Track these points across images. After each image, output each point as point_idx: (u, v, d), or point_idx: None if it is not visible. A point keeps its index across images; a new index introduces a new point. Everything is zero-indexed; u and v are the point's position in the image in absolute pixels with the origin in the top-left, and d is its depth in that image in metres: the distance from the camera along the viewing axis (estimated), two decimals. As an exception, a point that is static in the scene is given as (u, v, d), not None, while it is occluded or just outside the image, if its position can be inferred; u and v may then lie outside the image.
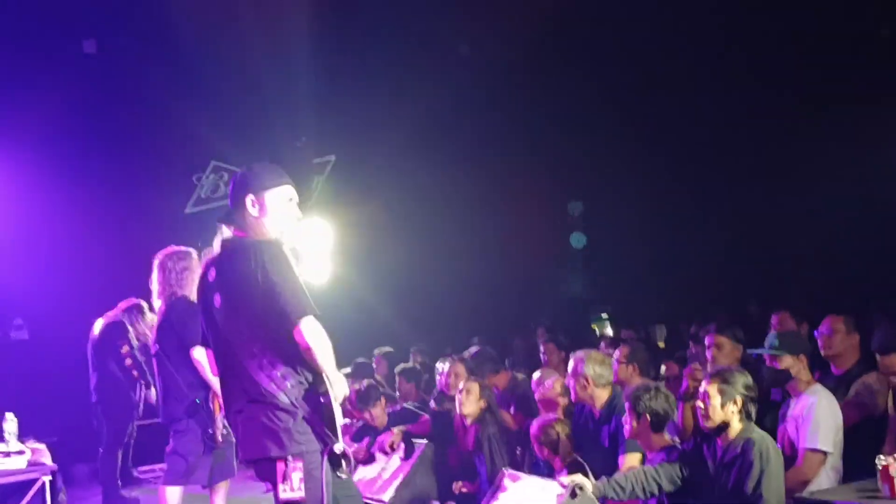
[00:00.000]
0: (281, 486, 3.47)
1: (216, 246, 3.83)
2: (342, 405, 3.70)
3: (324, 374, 3.53)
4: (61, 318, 9.38)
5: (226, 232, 3.83)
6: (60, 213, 9.96)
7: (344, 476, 3.67)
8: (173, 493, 5.91)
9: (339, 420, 3.54)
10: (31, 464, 4.92)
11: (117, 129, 10.07)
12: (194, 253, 6.16)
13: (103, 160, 10.51)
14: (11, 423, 5.43)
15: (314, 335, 3.47)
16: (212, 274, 3.76)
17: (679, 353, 7.41)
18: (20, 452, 5.25)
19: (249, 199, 3.73)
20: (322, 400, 3.50)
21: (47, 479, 4.74)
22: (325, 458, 3.51)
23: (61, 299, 9.45)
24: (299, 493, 3.45)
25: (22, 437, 5.56)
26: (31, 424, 6.30)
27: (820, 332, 5.33)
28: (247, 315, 3.55)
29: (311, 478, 3.48)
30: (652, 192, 11.84)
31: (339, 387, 3.61)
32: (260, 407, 3.50)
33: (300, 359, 3.51)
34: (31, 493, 4.73)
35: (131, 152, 10.34)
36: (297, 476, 3.45)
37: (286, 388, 3.50)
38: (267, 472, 3.56)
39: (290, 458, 3.45)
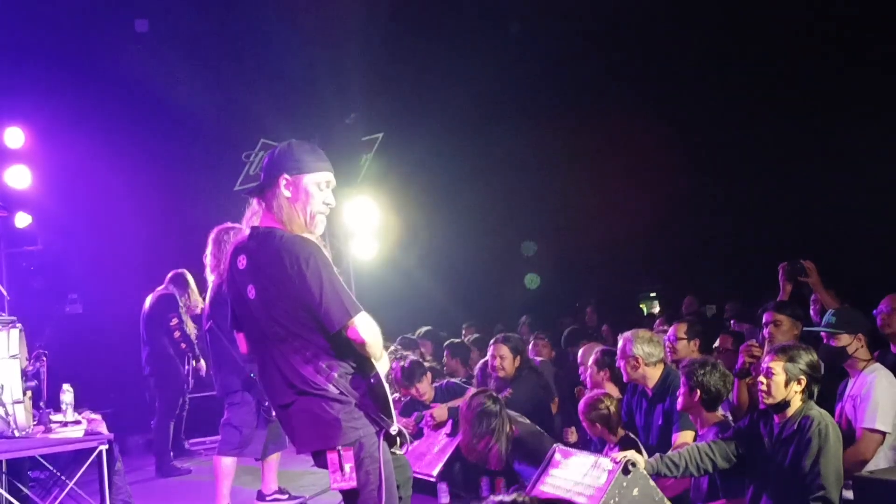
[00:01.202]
0: (332, 476, 3.45)
1: (244, 225, 3.66)
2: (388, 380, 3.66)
3: (377, 367, 3.47)
4: (115, 292, 9.54)
5: (254, 206, 3.64)
6: (114, 191, 10.14)
7: (399, 453, 3.66)
8: (227, 464, 6.00)
9: (390, 398, 3.52)
10: (88, 433, 4.99)
11: (169, 108, 10.16)
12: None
13: (156, 139, 10.64)
14: (68, 394, 5.51)
15: (368, 330, 3.39)
16: (242, 262, 3.57)
17: (733, 329, 7.30)
18: (77, 422, 5.34)
19: (283, 179, 3.53)
20: (372, 381, 3.46)
21: (104, 447, 4.80)
22: (381, 439, 3.47)
23: (115, 275, 9.63)
24: (351, 482, 3.43)
25: (78, 408, 5.66)
26: (86, 396, 6.42)
27: (879, 310, 5.21)
28: (286, 314, 3.42)
29: (370, 460, 3.45)
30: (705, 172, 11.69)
31: (382, 365, 3.56)
32: (310, 399, 3.43)
33: (343, 348, 3.44)
34: (89, 461, 4.80)
35: (183, 131, 10.45)
36: (347, 466, 3.42)
37: (334, 379, 3.42)
38: (322, 461, 3.53)
39: (340, 448, 3.42)
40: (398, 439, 3.54)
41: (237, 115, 10.81)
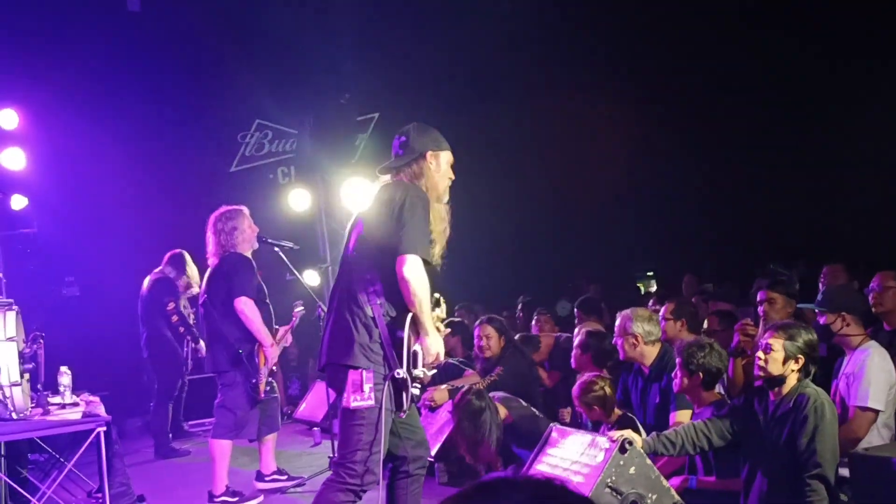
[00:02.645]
0: (354, 396, 3.81)
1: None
2: (431, 366, 3.92)
3: (408, 318, 3.82)
4: (111, 275, 9.53)
5: (387, 180, 4.10)
6: (110, 172, 10.09)
7: (404, 415, 3.95)
8: (223, 447, 6.02)
9: (415, 365, 3.83)
10: (85, 415, 5.00)
11: (164, 89, 10.12)
12: (245, 210, 6.21)
13: (151, 119, 10.60)
14: (66, 376, 5.52)
15: (413, 271, 3.77)
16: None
17: (723, 308, 7.29)
18: (75, 405, 5.35)
19: (431, 153, 4.07)
20: (398, 334, 3.82)
21: (102, 430, 4.81)
22: (388, 382, 3.82)
23: (111, 257, 9.60)
24: (369, 402, 3.81)
25: (75, 390, 5.66)
26: (84, 379, 6.42)
27: (871, 287, 5.20)
28: (373, 240, 3.91)
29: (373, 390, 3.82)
30: (702, 149, 11.65)
31: (431, 340, 3.86)
32: (347, 312, 3.90)
33: (400, 297, 3.81)
34: (87, 443, 4.81)
35: (178, 112, 10.40)
36: (367, 387, 3.81)
37: (375, 304, 3.85)
38: (338, 378, 3.90)
39: (364, 370, 3.80)
40: (403, 395, 3.83)
41: (232, 97, 10.76)
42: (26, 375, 5.00)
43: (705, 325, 6.14)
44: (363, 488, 3.89)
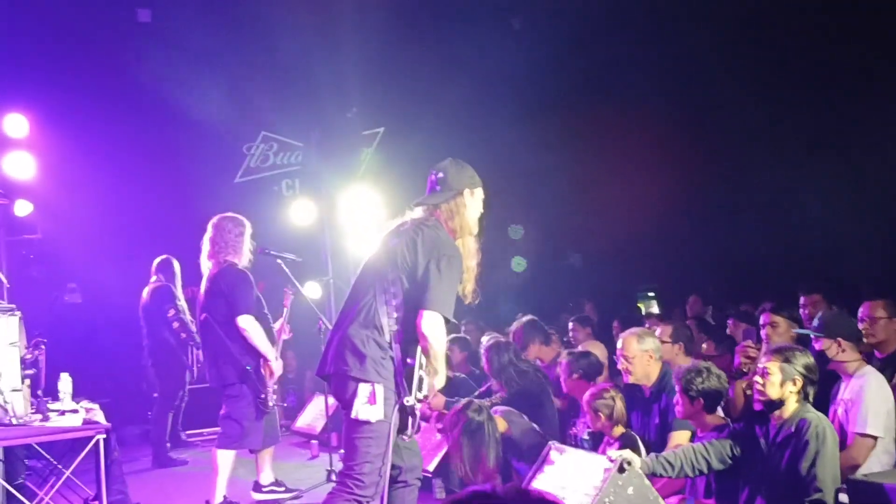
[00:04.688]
0: (365, 407, 3.86)
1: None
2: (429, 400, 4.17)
3: (419, 350, 3.91)
4: (114, 283, 9.54)
5: (422, 216, 4.19)
6: (114, 181, 10.13)
7: (408, 439, 4.03)
8: (226, 457, 6.01)
9: (420, 388, 3.91)
10: (85, 422, 5.00)
11: (171, 100, 10.16)
12: (248, 224, 6.21)
13: (158, 130, 10.64)
14: (66, 382, 5.52)
15: (434, 329, 3.85)
16: (404, 225, 4.21)
17: (719, 333, 7.29)
18: (74, 411, 5.35)
19: (469, 191, 4.20)
20: (409, 361, 3.91)
21: (101, 437, 4.81)
22: (396, 409, 3.88)
23: (115, 265, 9.62)
24: (380, 415, 3.86)
25: (75, 397, 5.66)
26: (84, 386, 6.42)
27: (860, 318, 5.12)
28: (405, 275, 3.98)
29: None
30: (697, 176, 11.64)
31: (440, 381, 4.01)
32: (362, 328, 3.95)
33: (412, 327, 3.89)
34: (86, 450, 4.80)
35: (184, 123, 10.44)
36: (379, 399, 3.87)
37: (392, 327, 3.92)
38: (345, 389, 3.94)
39: (374, 384, 3.86)
40: (409, 420, 3.92)
41: (238, 109, 10.81)
42: (27, 381, 5.01)
43: (703, 348, 6.14)
44: (370, 500, 3.93)
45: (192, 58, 10.01)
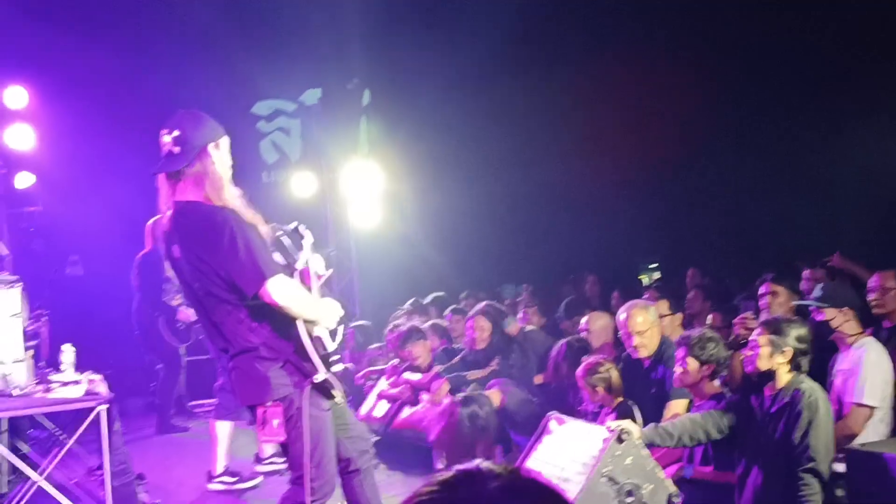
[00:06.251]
0: (261, 431, 3.60)
1: (164, 207, 3.82)
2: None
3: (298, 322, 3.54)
4: (116, 255, 9.55)
5: (165, 185, 3.81)
6: (116, 153, 10.10)
7: (339, 402, 3.76)
8: (224, 428, 6.04)
9: (324, 348, 3.62)
10: (87, 393, 5.02)
11: (169, 69, 10.11)
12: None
13: (159, 100, 10.57)
14: (69, 353, 5.53)
15: (284, 293, 3.46)
16: (175, 251, 3.69)
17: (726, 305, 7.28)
18: (76, 382, 5.36)
19: (213, 144, 3.69)
20: (297, 335, 3.53)
21: (103, 408, 4.83)
22: (306, 390, 3.56)
23: (116, 237, 9.62)
24: (279, 437, 3.58)
25: (78, 369, 5.68)
26: (86, 358, 6.44)
27: (870, 288, 5.13)
28: (214, 281, 3.53)
29: (299, 415, 3.56)
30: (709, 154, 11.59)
31: (325, 314, 3.66)
32: (246, 357, 3.56)
33: (268, 309, 3.51)
34: (88, 421, 4.83)
35: (185, 94, 10.40)
36: (275, 421, 3.55)
37: (265, 337, 3.55)
38: (253, 417, 3.69)
39: (267, 404, 3.54)
40: (334, 392, 3.65)
41: (238, 80, 10.75)
42: (29, 352, 5.03)
43: (709, 320, 6.14)
44: (322, 501, 3.74)
45: (194, 30, 9.96)
